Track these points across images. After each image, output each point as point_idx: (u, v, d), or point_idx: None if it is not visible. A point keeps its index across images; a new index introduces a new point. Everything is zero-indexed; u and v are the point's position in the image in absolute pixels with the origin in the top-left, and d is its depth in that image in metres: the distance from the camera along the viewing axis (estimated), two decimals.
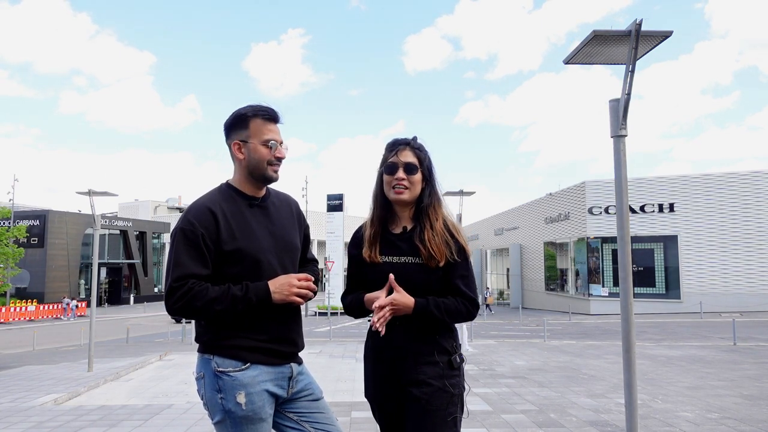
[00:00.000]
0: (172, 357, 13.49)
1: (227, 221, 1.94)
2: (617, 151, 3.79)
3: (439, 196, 2.06)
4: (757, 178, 26.90)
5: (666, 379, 9.30)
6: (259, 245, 1.97)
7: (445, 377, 1.92)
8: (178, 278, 1.87)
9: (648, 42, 3.67)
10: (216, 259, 1.91)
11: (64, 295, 36.10)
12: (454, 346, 2.00)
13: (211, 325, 1.97)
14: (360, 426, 6.13)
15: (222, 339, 1.93)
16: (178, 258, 1.89)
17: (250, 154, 2.00)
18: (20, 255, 22.10)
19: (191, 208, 1.97)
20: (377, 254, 2.00)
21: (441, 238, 1.96)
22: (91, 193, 11.27)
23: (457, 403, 1.94)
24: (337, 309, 29.24)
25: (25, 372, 11.60)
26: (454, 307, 1.95)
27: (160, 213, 66.43)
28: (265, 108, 2.03)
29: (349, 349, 14.71)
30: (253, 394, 1.90)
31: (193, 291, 1.85)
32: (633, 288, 3.89)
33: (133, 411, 7.11)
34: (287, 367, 2.01)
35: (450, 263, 1.96)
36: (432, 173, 2.05)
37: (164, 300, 1.94)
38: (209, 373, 1.93)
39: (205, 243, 1.89)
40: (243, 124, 2.01)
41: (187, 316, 1.92)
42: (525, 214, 36.88)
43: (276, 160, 2.02)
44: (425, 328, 1.95)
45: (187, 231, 1.90)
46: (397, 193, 1.99)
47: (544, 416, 6.54)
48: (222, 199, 2.00)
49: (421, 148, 2.05)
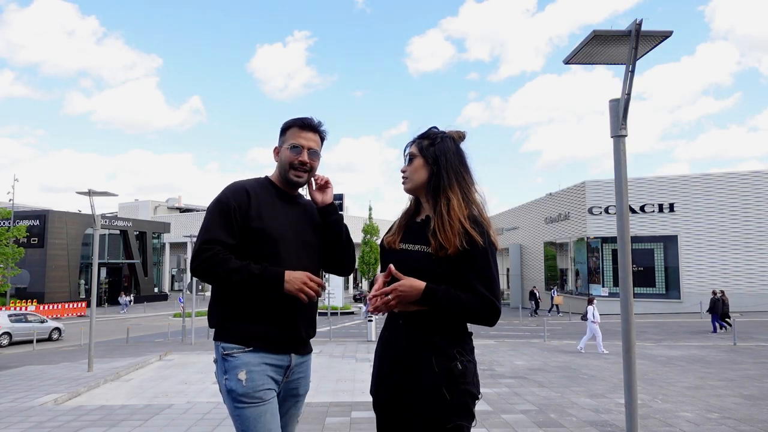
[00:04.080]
0: (172, 357, 13.49)
1: (258, 203, 2.11)
2: (617, 151, 3.79)
3: (451, 184, 1.92)
4: (757, 178, 26.91)
5: (666, 379, 9.30)
6: (281, 231, 2.12)
7: (444, 384, 1.80)
8: (206, 242, 2.02)
9: (648, 42, 3.67)
10: (241, 234, 2.06)
11: (121, 293, 39.52)
12: (460, 351, 1.85)
13: (217, 308, 2.10)
14: (360, 426, 6.13)
15: (227, 324, 2.06)
16: (209, 224, 2.06)
17: (281, 156, 2.22)
18: (20, 255, 22.11)
19: (230, 186, 2.17)
20: (397, 242, 1.98)
21: (451, 228, 1.83)
22: (91, 193, 11.28)
23: (459, 412, 1.80)
24: (337, 309, 29.24)
25: (25, 372, 11.60)
26: (468, 303, 1.79)
27: (160, 213, 66.38)
28: (302, 118, 2.23)
29: (349, 349, 14.71)
30: (254, 372, 1.99)
31: (217, 257, 1.99)
32: (633, 288, 3.89)
33: (133, 411, 7.11)
34: (286, 357, 2.09)
35: (464, 257, 1.81)
36: (439, 159, 1.94)
37: (191, 261, 2.06)
38: (219, 357, 2.07)
39: (235, 216, 2.06)
40: (282, 132, 2.25)
41: (206, 279, 2.02)
42: (525, 214, 36.88)
43: (299, 164, 2.18)
44: (428, 327, 1.85)
45: (222, 202, 2.10)
46: (403, 184, 2.04)
47: (544, 416, 6.54)
48: (258, 185, 2.20)
49: (423, 137, 2.01)
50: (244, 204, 2.08)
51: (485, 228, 1.87)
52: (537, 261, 35.13)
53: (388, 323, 1.99)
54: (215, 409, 7.05)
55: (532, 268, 35.79)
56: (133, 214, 60.97)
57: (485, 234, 1.85)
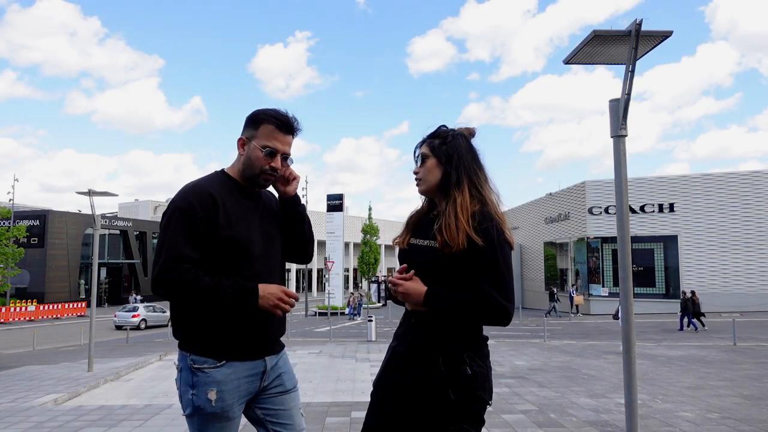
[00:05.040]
0: (172, 357, 13.48)
1: (225, 209, 1.90)
2: (617, 151, 3.79)
3: (464, 181, 1.89)
4: (757, 178, 26.91)
5: (666, 379, 9.30)
6: (251, 235, 1.96)
7: (450, 386, 1.76)
8: (170, 260, 1.79)
9: (648, 42, 3.67)
10: (209, 245, 1.86)
11: (132, 292, 39.19)
12: (471, 355, 1.81)
13: (183, 318, 1.94)
14: (360, 426, 6.13)
15: (196, 335, 1.91)
16: (172, 238, 1.81)
17: (249, 154, 1.99)
18: (20, 255, 22.09)
19: (189, 190, 1.91)
20: (407, 240, 1.98)
21: (457, 225, 1.78)
22: (91, 193, 11.27)
23: (465, 415, 1.77)
24: (337, 309, 29.18)
25: (25, 372, 11.59)
26: (472, 306, 1.75)
27: (160, 213, 66.42)
28: (282, 116, 1.99)
29: (349, 349, 14.71)
30: (224, 392, 1.88)
31: (184, 278, 1.78)
32: (633, 288, 3.89)
33: (133, 411, 7.11)
34: (261, 362, 1.99)
35: (472, 255, 1.76)
36: (452, 158, 1.91)
37: (152, 280, 1.83)
38: (186, 367, 1.92)
39: (202, 226, 1.84)
40: (255, 124, 2.00)
41: (173, 299, 1.86)
42: (525, 214, 36.87)
43: (270, 170, 1.99)
44: (438, 328, 1.82)
45: (185, 211, 1.84)
46: (416, 186, 2.00)
47: (544, 416, 6.54)
48: (220, 186, 1.97)
49: (434, 136, 1.98)
50: (211, 212, 1.86)
51: (498, 225, 1.82)
52: (537, 261, 35.12)
53: (402, 321, 1.99)
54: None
55: (532, 268, 35.78)
56: (133, 214, 60.99)
57: (497, 231, 1.80)
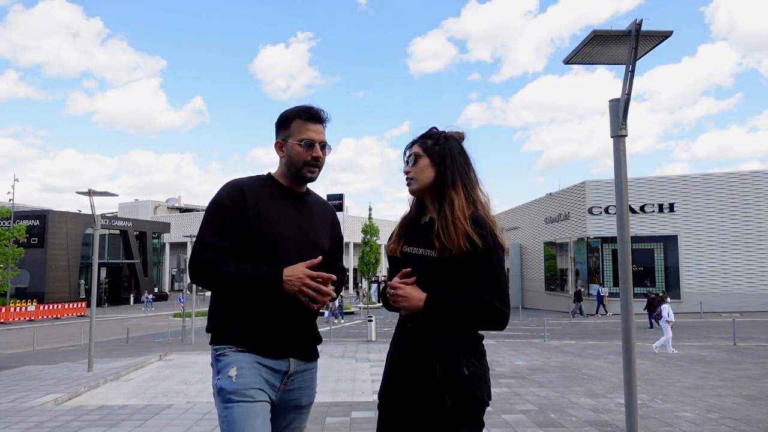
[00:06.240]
0: (172, 357, 13.48)
1: (255, 203, 1.97)
2: (617, 151, 3.79)
3: (456, 183, 1.88)
4: (757, 178, 26.90)
5: (666, 379, 9.30)
6: (280, 234, 1.97)
7: (447, 391, 1.76)
8: (200, 248, 1.95)
9: (648, 42, 3.68)
10: (240, 236, 1.95)
11: (145, 290, 40.14)
12: (467, 356, 1.80)
13: (210, 312, 2.03)
14: (360, 426, 6.13)
15: (223, 328, 1.97)
16: (204, 228, 1.97)
17: (289, 152, 2.05)
18: (20, 255, 22.10)
19: (224, 186, 2.04)
20: (399, 249, 1.96)
21: (456, 228, 1.78)
22: (91, 193, 11.27)
23: (463, 418, 1.77)
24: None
25: (25, 372, 11.59)
26: (471, 313, 1.76)
27: (159, 213, 66.40)
28: (307, 107, 2.06)
29: (349, 349, 14.71)
30: (244, 369, 1.88)
31: (210, 263, 1.91)
32: (633, 288, 3.89)
33: (133, 411, 7.11)
34: (284, 361, 1.97)
35: (469, 259, 1.76)
36: (445, 159, 1.90)
37: (188, 266, 2.03)
38: (213, 360, 1.99)
39: (230, 218, 1.95)
40: (285, 124, 2.07)
41: (202, 285, 1.97)
42: (525, 214, 36.88)
43: (313, 160, 2.03)
44: (434, 332, 1.82)
45: (216, 204, 1.99)
46: (407, 185, 1.98)
47: (544, 416, 6.54)
48: (257, 184, 2.05)
49: (426, 137, 1.97)
50: (239, 204, 1.95)
51: (491, 228, 1.82)
52: (537, 261, 35.12)
53: (398, 327, 1.97)
54: (215, 409, 7.05)
55: (532, 268, 35.78)
56: (133, 214, 60.99)
57: (491, 235, 1.80)
